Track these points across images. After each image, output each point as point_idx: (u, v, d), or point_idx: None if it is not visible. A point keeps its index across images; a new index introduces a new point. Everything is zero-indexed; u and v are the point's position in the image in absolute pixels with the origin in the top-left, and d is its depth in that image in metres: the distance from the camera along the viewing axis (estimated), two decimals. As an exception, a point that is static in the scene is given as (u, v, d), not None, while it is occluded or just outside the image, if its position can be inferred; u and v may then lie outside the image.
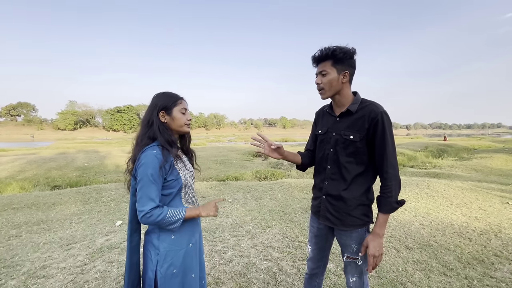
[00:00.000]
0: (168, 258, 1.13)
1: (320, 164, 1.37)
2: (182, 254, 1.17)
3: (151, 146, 1.14)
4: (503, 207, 4.11)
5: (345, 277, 1.36)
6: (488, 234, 3.09)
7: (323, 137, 1.35)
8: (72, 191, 5.48)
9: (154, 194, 1.07)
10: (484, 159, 11.09)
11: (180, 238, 1.18)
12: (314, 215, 1.42)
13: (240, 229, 3.26)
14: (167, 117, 1.20)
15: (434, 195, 4.69)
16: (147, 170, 1.06)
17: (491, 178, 7.26)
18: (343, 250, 1.32)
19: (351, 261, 1.28)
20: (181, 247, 1.17)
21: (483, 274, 2.26)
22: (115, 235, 3.16)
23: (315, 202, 1.41)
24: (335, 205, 1.29)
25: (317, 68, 1.26)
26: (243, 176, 8.38)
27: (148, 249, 1.16)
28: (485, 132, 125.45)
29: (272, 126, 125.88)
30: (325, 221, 1.33)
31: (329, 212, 1.31)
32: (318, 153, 1.38)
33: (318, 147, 1.38)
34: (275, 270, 2.31)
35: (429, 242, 2.88)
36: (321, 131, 1.36)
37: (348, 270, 1.31)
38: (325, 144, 1.33)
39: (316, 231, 1.42)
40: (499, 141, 24.45)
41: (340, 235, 1.31)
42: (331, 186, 1.30)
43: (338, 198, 1.27)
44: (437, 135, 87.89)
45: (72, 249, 2.78)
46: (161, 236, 1.14)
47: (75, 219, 3.93)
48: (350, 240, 1.27)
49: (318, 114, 1.47)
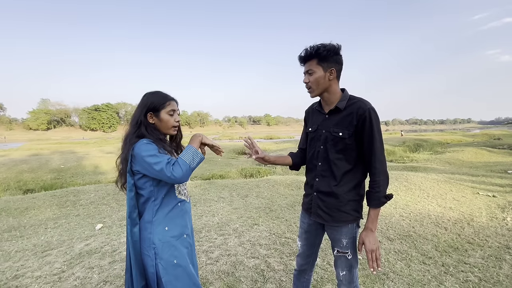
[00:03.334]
0: (166, 249, 1.14)
1: (311, 161, 1.37)
2: (179, 243, 1.18)
3: (140, 140, 1.14)
4: (474, 197, 4.39)
5: (335, 271, 1.38)
6: (461, 223, 3.29)
7: (313, 134, 1.35)
8: (47, 195, 5.17)
9: (163, 157, 1.08)
10: (456, 152, 11.78)
11: (174, 228, 1.19)
12: (305, 211, 1.43)
13: (227, 227, 3.23)
14: (155, 119, 1.21)
15: (412, 187, 4.91)
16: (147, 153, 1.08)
17: (463, 170, 7.73)
18: (334, 244, 1.34)
19: (341, 255, 1.31)
20: (176, 237, 1.18)
21: (458, 261, 2.40)
22: (95, 239, 3.02)
23: (306, 199, 1.42)
24: (326, 201, 1.30)
25: (304, 67, 1.27)
26: (229, 174, 8.32)
27: (144, 246, 1.15)
28: (456, 127, 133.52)
29: (256, 124, 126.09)
30: (317, 218, 1.34)
31: (320, 209, 1.32)
32: (309, 150, 1.39)
33: (309, 145, 1.39)
34: (263, 267, 2.31)
35: (408, 233, 3.01)
36: (311, 129, 1.36)
37: (338, 264, 1.33)
38: (315, 142, 1.34)
39: (307, 227, 1.43)
40: (469, 136, 26.13)
41: (331, 230, 1.33)
42: (321, 183, 1.31)
43: (329, 194, 1.28)
44: (413, 130, 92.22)
45: (48, 256, 2.62)
46: (154, 230, 1.14)
47: (51, 224, 3.72)
48: (341, 235, 1.29)
49: (307, 112, 1.47)
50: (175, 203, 1.22)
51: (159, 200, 1.17)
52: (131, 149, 1.12)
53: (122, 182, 1.22)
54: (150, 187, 1.15)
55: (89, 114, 70.54)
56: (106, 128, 71.66)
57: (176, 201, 1.22)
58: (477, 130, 55.77)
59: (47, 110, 66.96)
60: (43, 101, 69.69)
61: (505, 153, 11.30)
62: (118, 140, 34.96)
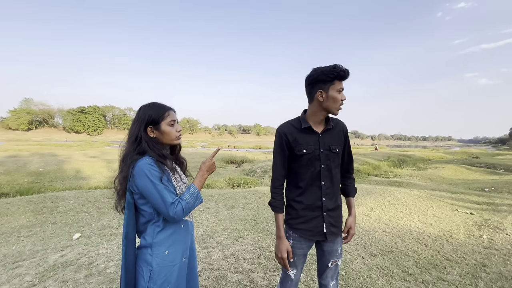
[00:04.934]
0: (162, 275, 1.08)
1: (311, 183, 1.31)
2: (176, 269, 1.13)
3: (142, 158, 1.08)
4: (453, 213, 4.54)
5: (323, 284, 1.41)
6: (441, 239, 3.39)
7: (309, 156, 1.29)
8: (22, 200, 4.91)
9: (167, 194, 1.06)
10: (437, 169, 12.22)
11: (174, 252, 1.14)
12: (310, 237, 1.33)
13: (211, 240, 3.17)
14: (156, 132, 1.15)
15: (395, 203, 5.03)
16: (148, 177, 1.04)
17: (443, 187, 8.02)
18: (329, 257, 1.37)
19: (335, 264, 1.39)
20: (175, 262, 1.13)
21: (437, 278, 2.46)
22: (71, 250, 2.87)
23: (312, 223, 1.32)
24: (334, 217, 1.37)
25: (341, 84, 1.24)
26: (216, 183, 8.23)
27: (140, 265, 1.10)
28: (438, 144, 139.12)
29: (246, 133, 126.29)
30: (331, 236, 1.34)
31: (332, 226, 1.35)
32: (306, 172, 1.30)
33: (306, 167, 1.30)
34: (246, 283, 2.27)
35: (391, 249, 3.06)
36: (306, 150, 1.29)
37: (330, 275, 1.39)
38: (313, 162, 1.30)
39: (305, 251, 1.37)
40: (450, 153, 27.22)
41: (331, 244, 1.37)
42: (329, 201, 1.33)
43: (336, 209, 1.37)
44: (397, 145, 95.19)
45: (18, 268, 2.46)
46: (154, 252, 1.09)
47: (24, 232, 3.52)
48: (337, 245, 1.39)
49: (289, 133, 1.31)
50: (179, 225, 1.17)
51: (161, 222, 1.11)
52: (132, 168, 1.06)
53: (122, 206, 1.14)
54: (151, 208, 1.10)
55: (74, 116, 68.53)
56: (91, 131, 69.62)
57: (180, 223, 1.18)
58: (457, 147, 58.44)
59: (29, 110, 64.50)
60: (26, 100, 67.21)
61: (482, 171, 11.84)
62: (103, 143, 34.02)
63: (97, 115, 71.56)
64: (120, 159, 1.13)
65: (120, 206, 1.15)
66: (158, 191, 1.03)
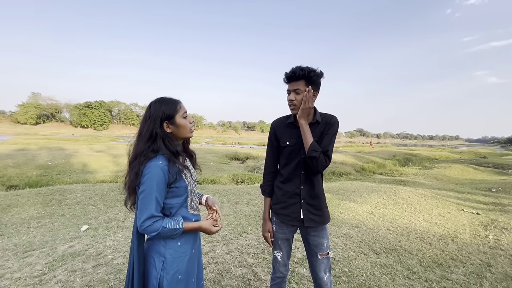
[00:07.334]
0: (174, 265, 1.12)
1: (293, 172, 1.44)
2: (186, 260, 1.17)
3: (156, 158, 1.08)
4: (459, 213, 4.50)
5: (317, 276, 1.45)
6: (446, 239, 3.37)
7: (292, 148, 1.43)
8: (32, 192, 5.02)
9: (155, 206, 1.05)
10: (443, 168, 12.08)
11: (186, 244, 1.18)
12: (289, 222, 1.46)
13: (216, 234, 3.21)
14: (172, 127, 1.15)
15: (400, 201, 5.01)
16: (152, 182, 1.04)
17: (450, 186, 7.93)
18: (315, 250, 1.44)
19: (324, 257, 1.42)
20: (186, 253, 1.17)
21: (441, 277, 2.45)
22: (79, 241, 2.95)
23: (290, 209, 1.45)
24: (314, 204, 1.43)
25: (289, 85, 1.36)
26: (220, 179, 8.28)
27: (152, 256, 1.12)
28: (445, 144, 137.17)
29: (250, 130, 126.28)
30: (310, 223, 1.42)
31: (311, 213, 1.43)
32: (288, 162, 1.45)
33: (288, 158, 1.45)
34: (250, 277, 2.30)
35: (394, 247, 3.06)
36: (289, 143, 1.44)
37: (321, 267, 1.43)
38: (295, 154, 1.43)
39: (285, 236, 1.50)
40: (457, 152, 26.81)
41: (313, 237, 1.44)
42: (307, 188, 1.43)
43: (315, 196, 1.43)
44: (403, 144, 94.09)
45: (29, 257, 2.54)
46: (168, 243, 1.13)
47: (34, 223, 3.61)
48: (322, 238, 1.43)
49: (277, 127, 1.50)
50: (190, 219, 1.21)
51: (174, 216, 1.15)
52: (143, 165, 1.07)
53: (132, 203, 1.15)
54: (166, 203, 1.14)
55: (81, 111, 69.34)
56: (97, 126, 70.44)
57: (191, 218, 1.22)
58: (464, 147, 57.42)
59: (37, 104, 65.42)
60: (34, 95, 68.13)
61: (490, 172, 11.67)
62: (109, 138, 34.35)
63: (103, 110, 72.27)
64: (132, 156, 1.12)
65: (129, 202, 1.16)
66: (151, 198, 1.04)
